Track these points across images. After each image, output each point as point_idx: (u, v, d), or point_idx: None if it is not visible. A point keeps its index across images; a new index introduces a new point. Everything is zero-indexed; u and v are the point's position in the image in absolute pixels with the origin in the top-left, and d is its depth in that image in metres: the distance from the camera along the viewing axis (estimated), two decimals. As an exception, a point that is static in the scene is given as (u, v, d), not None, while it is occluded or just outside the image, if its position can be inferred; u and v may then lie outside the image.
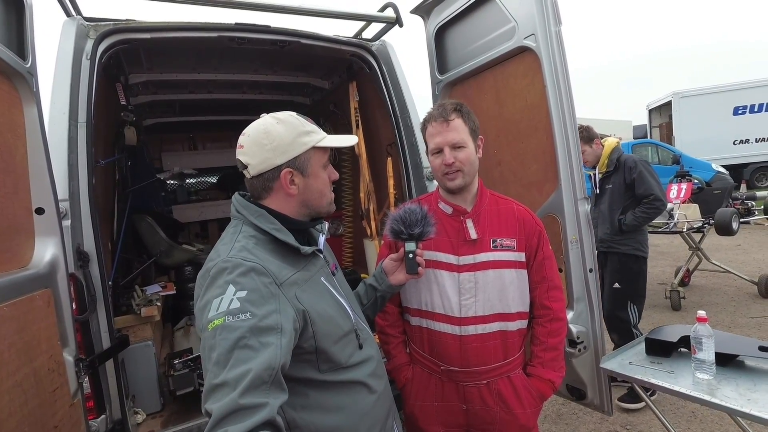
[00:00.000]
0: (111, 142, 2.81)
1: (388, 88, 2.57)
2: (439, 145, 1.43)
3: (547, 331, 1.51)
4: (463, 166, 1.42)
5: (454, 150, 1.42)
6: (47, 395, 1.38)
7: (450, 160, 1.41)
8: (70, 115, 1.80)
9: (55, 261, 1.53)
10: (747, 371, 1.65)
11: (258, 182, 1.12)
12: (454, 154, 1.41)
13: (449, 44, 2.40)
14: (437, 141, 1.44)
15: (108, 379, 1.77)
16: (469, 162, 1.43)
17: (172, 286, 2.79)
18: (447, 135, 1.42)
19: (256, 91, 3.61)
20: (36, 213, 1.51)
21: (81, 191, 1.77)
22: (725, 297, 5.07)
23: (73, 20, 1.94)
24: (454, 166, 1.42)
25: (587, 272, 1.89)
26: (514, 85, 2.06)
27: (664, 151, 12.62)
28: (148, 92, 3.27)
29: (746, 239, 7.66)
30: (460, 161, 1.42)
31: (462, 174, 1.43)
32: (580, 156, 1.87)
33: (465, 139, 1.42)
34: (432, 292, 1.48)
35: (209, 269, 1.00)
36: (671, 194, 5.19)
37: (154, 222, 3.18)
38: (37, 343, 1.37)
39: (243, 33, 2.20)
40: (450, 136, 1.41)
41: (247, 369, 0.85)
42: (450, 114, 1.42)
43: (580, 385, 1.98)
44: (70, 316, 1.57)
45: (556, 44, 1.81)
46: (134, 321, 2.28)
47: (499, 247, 1.47)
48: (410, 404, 1.56)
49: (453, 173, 1.43)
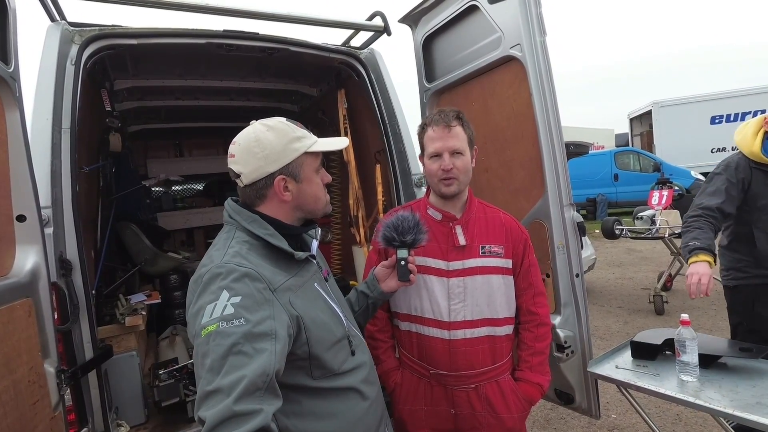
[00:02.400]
0: (95, 149, 2.77)
1: (377, 95, 2.59)
2: (439, 150, 1.44)
3: (534, 335, 1.53)
4: (459, 173, 1.44)
5: (453, 156, 1.44)
6: (27, 408, 1.34)
7: (449, 165, 1.42)
8: (53, 121, 1.77)
9: (37, 269, 1.49)
10: (729, 372, 1.69)
11: (251, 190, 1.11)
12: (452, 161, 1.43)
13: (437, 53, 2.43)
14: (437, 146, 1.44)
15: (90, 391, 1.73)
16: (465, 170, 1.45)
17: (157, 294, 2.74)
18: (448, 141, 1.43)
19: (244, 98, 3.60)
20: (17, 220, 1.47)
21: (64, 198, 1.74)
22: (706, 301, 5.18)
23: (58, 25, 1.91)
24: (452, 172, 1.43)
25: (573, 277, 1.92)
26: (500, 93, 2.09)
27: (645, 158, 12.94)
28: (133, 98, 3.23)
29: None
30: (458, 168, 1.43)
31: (458, 182, 1.45)
32: (566, 163, 1.91)
33: (464, 147, 1.45)
34: (422, 297, 1.49)
35: (202, 275, 0.99)
36: (653, 201, 5.32)
37: (139, 230, 3.13)
38: (17, 354, 1.33)
39: (231, 40, 2.20)
40: (451, 142, 1.43)
41: (242, 375, 0.84)
42: (452, 120, 1.44)
43: (568, 390, 1.99)
44: (51, 326, 1.53)
45: (541, 54, 1.86)
46: (118, 331, 2.23)
47: (487, 253, 1.49)
48: (399, 408, 1.56)
49: (449, 180, 1.44)
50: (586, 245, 5.58)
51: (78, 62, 1.88)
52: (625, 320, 4.84)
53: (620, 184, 12.87)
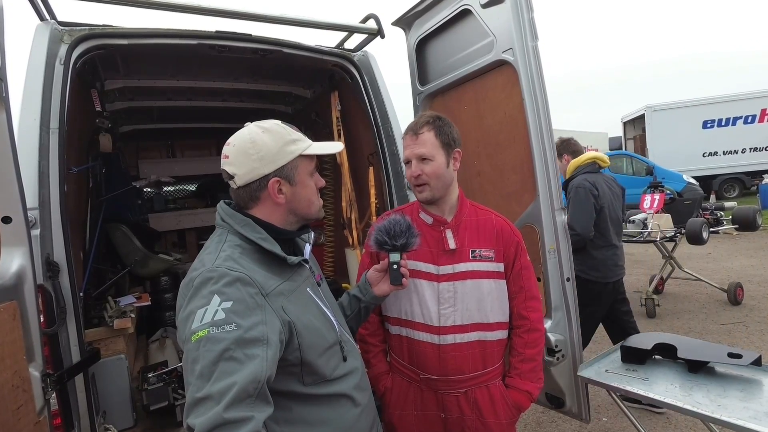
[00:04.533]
0: (85, 150, 2.74)
1: (370, 98, 2.59)
2: (408, 157, 1.48)
3: (525, 342, 1.52)
4: (429, 179, 1.45)
5: (420, 162, 1.45)
6: (10, 414, 1.32)
7: (416, 172, 1.45)
8: (41, 122, 1.74)
9: (22, 272, 1.46)
10: (717, 378, 1.70)
11: (244, 192, 1.10)
12: (420, 167, 1.44)
13: (430, 56, 2.44)
14: (406, 153, 1.49)
15: (77, 395, 1.70)
16: (436, 175, 1.45)
17: (147, 297, 2.72)
18: (414, 148, 1.45)
19: (237, 99, 3.58)
20: (2, 222, 1.44)
21: (52, 199, 1.72)
22: (697, 304, 5.23)
23: (47, 24, 1.89)
24: (421, 178, 1.45)
25: (565, 281, 1.93)
26: (493, 97, 2.10)
27: (638, 162, 13.03)
28: (124, 98, 3.20)
29: (716, 248, 7.94)
30: (426, 174, 1.44)
31: (429, 187, 1.46)
32: (557, 167, 1.92)
33: (432, 152, 1.44)
34: (411, 302, 1.49)
35: (193, 278, 0.98)
36: (645, 204, 5.35)
37: (130, 231, 3.10)
38: (1, 358, 1.31)
39: (223, 41, 2.19)
40: (418, 149, 1.45)
41: (232, 382, 0.83)
42: (421, 128, 1.46)
43: (559, 394, 2.00)
44: (37, 329, 1.50)
45: (533, 59, 1.86)
46: (106, 334, 2.20)
47: (478, 257, 1.48)
48: (389, 413, 1.55)
49: (420, 186, 1.47)
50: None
51: (67, 62, 1.86)
52: (617, 323, 4.86)
53: (613, 188, 12.94)
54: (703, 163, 14.37)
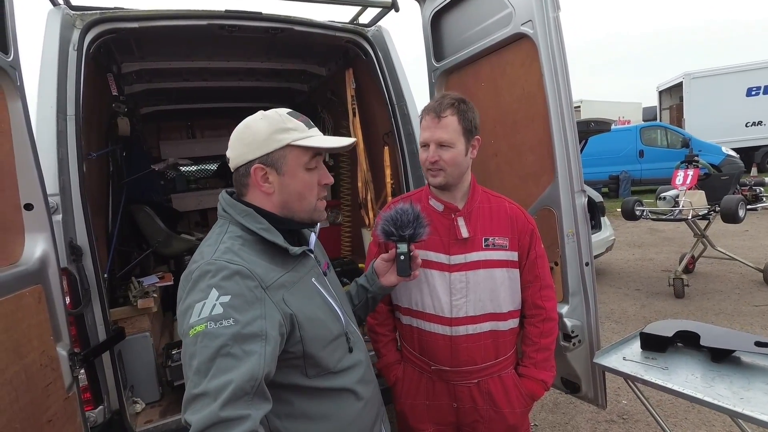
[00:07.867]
0: (104, 134, 2.79)
1: (384, 75, 2.51)
2: (426, 141, 1.40)
3: (540, 331, 1.49)
4: (446, 166, 1.38)
5: (439, 148, 1.37)
6: (39, 391, 1.40)
7: (434, 158, 1.37)
8: (58, 109, 1.77)
9: (46, 257, 1.52)
10: (742, 368, 1.62)
11: (236, 177, 1.09)
12: (439, 153, 1.37)
13: (446, 30, 2.32)
14: (425, 136, 1.40)
15: (105, 371, 1.79)
16: (455, 163, 1.38)
17: (170, 276, 2.80)
18: (435, 132, 1.37)
19: (253, 78, 3.55)
20: (25, 209, 1.50)
21: (72, 185, 1.76)
22: (729, 284, 5.02)
23: (59, 10, 1.89)
24: (437, 164, 1.38)
25: (583, 266, 1.86)
26: (511, 73, 1.99)
27: (673, 134, 12.39)
28: (142, 81, 3.23)
29: (754, 225, 7.54)
30: (444, 161, 1.37)
31: (444, 173, 1.39)
32: (578, 147, 1.82)
33: (454, 139, 1.36)
34: (422, 292, 1.46)
35: (192, 271, 0.97)
36: (677, 180, 5.08)
37: (153, 212, 3.18)
38: (28, 340, 1.38)
39: (233, 20, 2.15)
40: (438, 133, 1.37)
41: (229, 379, 0.82)
42: (444, 110, 1.37)
43: (575, 379, 1.97)
44: (63, 310, 1.58)
45: (554, 31, 1.74)
46: (131, 312, 2.29)
47: (491, 246, 1.43)
48: (401, 402, 1.56)
49: (435, 171, 1.40)
50: (604, 226, 5.42)
51: (80, 47, 1.87)
52: (643, 303, 4.74)
53: (645, 161, 12.39)
54: (745, 133, 13.51)
